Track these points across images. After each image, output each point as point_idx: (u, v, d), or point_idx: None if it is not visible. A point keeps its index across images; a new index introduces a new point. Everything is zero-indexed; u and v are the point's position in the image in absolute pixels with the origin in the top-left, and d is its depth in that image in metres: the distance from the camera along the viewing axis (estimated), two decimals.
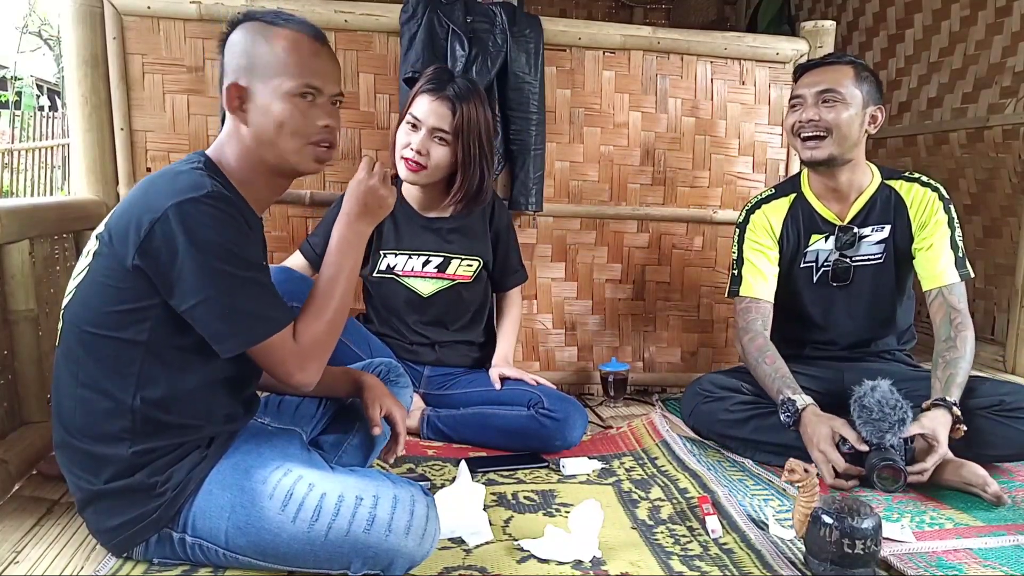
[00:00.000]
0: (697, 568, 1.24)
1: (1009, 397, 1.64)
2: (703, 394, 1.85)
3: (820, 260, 1.86)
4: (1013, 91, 2.80)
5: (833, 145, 1.73)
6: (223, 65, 1.18)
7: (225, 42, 1.18)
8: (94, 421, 1.11)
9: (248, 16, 1.18)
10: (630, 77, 2.30)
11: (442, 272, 1.93)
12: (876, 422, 1.51)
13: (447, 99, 1.79)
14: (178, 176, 1.10)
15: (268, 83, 1.14)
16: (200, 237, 1.04)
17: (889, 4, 3.53)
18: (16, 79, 8.98)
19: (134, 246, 1.05)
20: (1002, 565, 1.27)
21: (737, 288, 1.89)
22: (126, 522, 1.13)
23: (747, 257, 1.89)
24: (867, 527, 1.18)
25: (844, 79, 1.73)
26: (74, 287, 1.14)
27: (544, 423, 1.77)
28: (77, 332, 1.12)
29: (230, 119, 1.19)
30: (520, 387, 1.87)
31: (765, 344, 1.79)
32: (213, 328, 1.08)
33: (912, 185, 1.82)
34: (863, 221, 1.83)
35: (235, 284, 1.07)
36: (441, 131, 1.79)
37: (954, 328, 1.70)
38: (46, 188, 7.12)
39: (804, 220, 1.88)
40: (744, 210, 1.95)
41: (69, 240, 1.89)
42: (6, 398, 1.60)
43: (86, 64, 1.96)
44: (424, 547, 1.14)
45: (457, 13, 2.09)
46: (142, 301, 1.08)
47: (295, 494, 1.11)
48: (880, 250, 1.83)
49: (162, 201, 1.05)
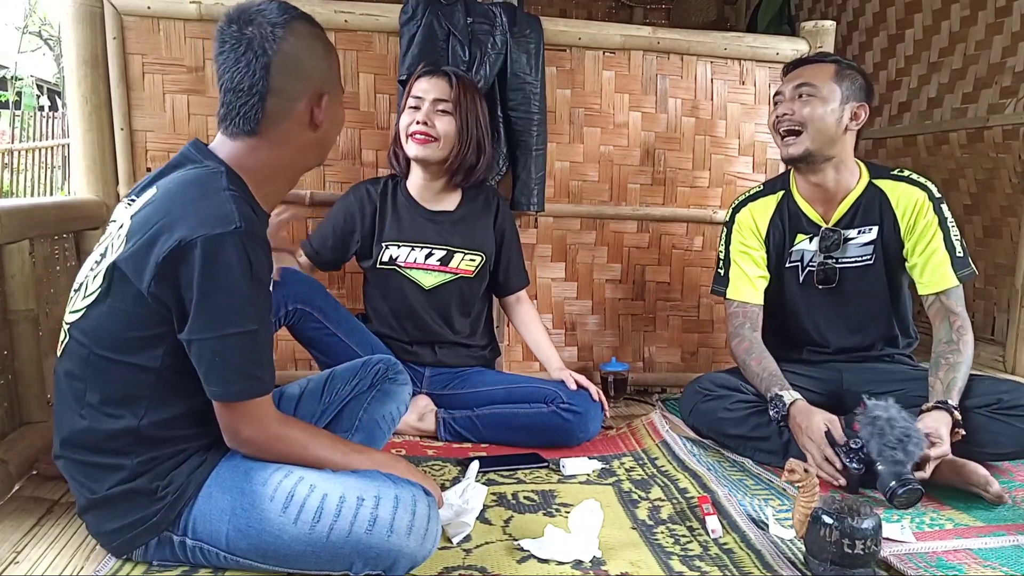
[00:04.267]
0: (697, 568, 1.24)
1: (1007, 395, 1.64)
2: (703, 393, 1.86)
3: (805, 260, 1.85)
4: (1013, 91, 2.80)
5: (808, 140, 1.73)
6: (284, 71, 1.10)
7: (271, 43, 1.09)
8: (99, 438, 1.10)
9: (296, 16, 1.13)
10: (630, 77, 2.30)
11: (445, 265, 1.93)
12: (893, 459, 1.44)
13: (444, 74, 1.87)
14: (205, 199, 1.05)
15: (338, 90, 1.21)
16: (217, 280, 1.02)
17: (889, 4, 3.53)
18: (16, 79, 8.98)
19: (152, 271, 1.03)
20: (1002, 565, 1.27)
21: (723, 289, 1.90)
22: (126, 525, 1.13)
23: (734, 259, 1.89)
24: (867, 527, 1.18)
25: (822, 75, 1.73)
26: (84, 306, 1.11)
27: (566, 417, 1.79)
28: (87, 354, 1.09)
29: (281, 127, 1.13)
30: (535, 384, 1.89)
31: (751, 347, 1.80)
32: (202, 370, 1.06)
33: (898, 184, 1.78)
34: (849, 223, 1.81)
35: (235, 336, 1.04)
36: (443, 101, 1.83)
37: (955, 331, 1.69)
38: (46, 188, 7.12)
39: (790, 219, 1.86)
40: (731, 208, 1.95)
41: (69, 240, 1.89)
42: (6, 398, 1.60)
43: (86, 64, 1.96)
44: (426, 547, 1.14)
45: (457, 14, 2.09)
46: (156, 328, 1.06)
47: (296, 496, 1.10)
48: (868, 252, 1.81)
49: (187, 228, 1.01)
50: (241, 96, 1.10)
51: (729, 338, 1.88)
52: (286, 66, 1.10)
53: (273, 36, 1.09)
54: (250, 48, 1.09)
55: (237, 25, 1.10)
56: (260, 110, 1.11)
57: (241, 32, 1.09)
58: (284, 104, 1.12)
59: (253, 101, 1.10)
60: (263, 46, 1.09)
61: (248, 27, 1.09)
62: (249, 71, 1.09)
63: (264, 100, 1.11)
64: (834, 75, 1.73)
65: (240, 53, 1.09)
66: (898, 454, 1.44)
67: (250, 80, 1.09)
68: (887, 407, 1.48)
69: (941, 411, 1.56)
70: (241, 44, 1.09)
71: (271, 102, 1.11)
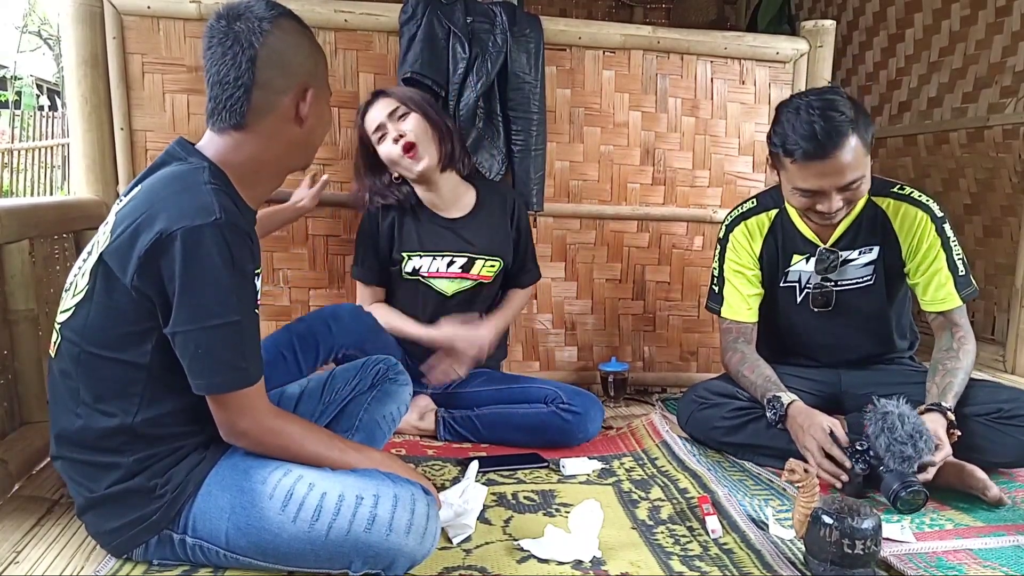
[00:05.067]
0: (697, 568, 1.24)
1: (1008, 404, 1.63)
2: (698, 401, 1.84)
3: (803, 282, 1.81)
4: (1013, 91, 2.79)
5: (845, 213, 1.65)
6: (270, 64, 1.11)
7: (257, 36, 1.10)
8: (94, 436, 1.11)
9: (283, 13, 1.14)
10: (630, 77, 2.29)
11: (466, 272, 1.94)
12: (903, 454, 1.44)
13: (376, 96, 1.89)
14: (185, 192, 1.07)
15: (325, 89, 1.21)
16: (198, 271, 1.02)
17: (889, 4, 3.53)
18: (16, 79, 8.99)
19: (135, 265, 1.04)
20: (1002, 565, 1.27)
21: (718, 307, 1.88)
22: (125, 524, 1.13)
23: (728, 278, 1.86)
24: (867, 527, 1.17)
25: (859, 154, 1.53)
26: (73, 304, 1.12)
27: (566, 418, 1.79)
28: (77, 352, 1.10)
29: (267, 121, 1.14)
30: (535, 384, 1.89)
31: (744, 358, 1.80)
32: (186, 362, 1.06)
33: (901, 205, 1.72)
34: (850, 243, 1.75)
35: (218, 327, 1.04)
36: (395, 110, 1.84)
37: (956, 340, 1.68)
38: (46, 188, 7.13)
39: (785, 239, 1.81)
40: (724, 225, 1.89)
41: (69, 240, 1.89)
42: (6, 398, 1.60)
43: (86, 64, 1.96)
44: (425, 546, 1.14)
45: (457, 14, 2.09)
46: (143, 323, 1.07)
47: (295, 494, 1.11)
48: (869, 272, 1.77)
49: (168, 220, 1.03)
50: (227, 88, 1.12)
51: (722, 352, 1.87)
52: (272, 59, 1.12)
53: (260, 30, 1.11)
54: (237, 42, 1.10)
55: (226, 20, 1.12)
56: (246, 102, 1.12)
57: (229, 27, 1.11)
58: (269, 97, 1.13)
59: (239, 94, 1.12)
60: (249, 39, 1.10)
61: (236, 22, 1.11)
62: (235, 64, 1.10)
63: (250, 92, 1.12)
64: (863, 145, 1.54)
65: (227, 47, 1.11)
66: (908, 449, 1.43)
67: (236, 72, 1.11)
68: (898, 404, 1.48)
69: (935, 413, 1.55)
70: (228, 38, 1.11)
71: (257, 95, 1.12)
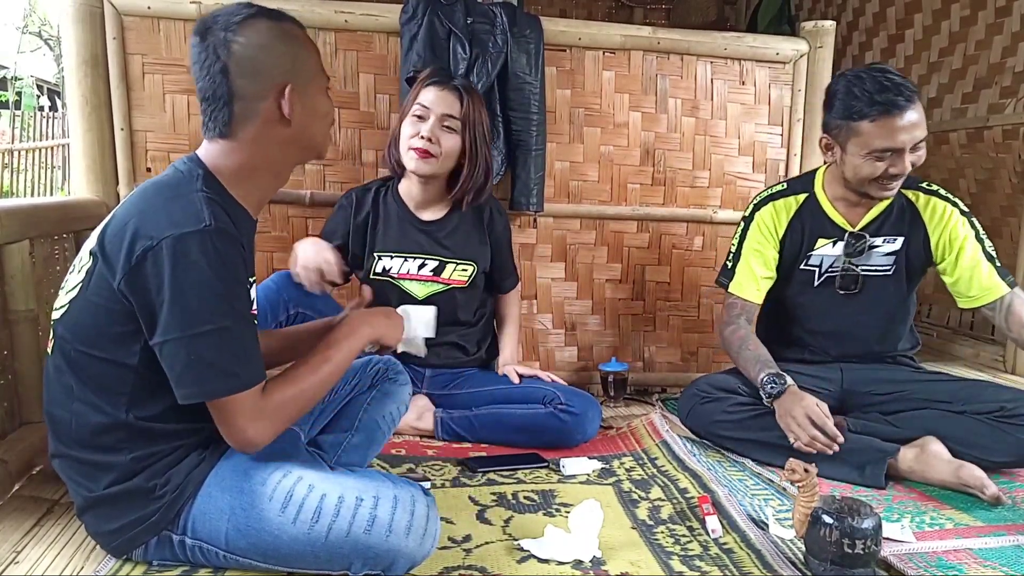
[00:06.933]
0: (697, 568, 1.24)
1: (1010, 404, 1.63)
2: (700, 395, 1.85)
3: (824, 266, 1.83)
4: (1013, 91, 2.80)
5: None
6: (241, 73, 1.10)
7: (224, 49, 1.10)
8: (90, 433, 1.11)
9: (250, 16, 1.13)
10: (630, 77, 2.29)
11: (437, 276, 1.92)
12: None
13: (455, 88, 1.83)
14: (177, 200, 1.07)
15: (313, 81, 1.18)
16: (186, 278, 1.02)
17: (889, 4, 3.53)
18: (16, 79, 9.00)
19: (123, 271, 1.04)
20: (1002, 565, 1.27)
21: (727, 282, 1.88)
22: (125, 525, 1.13)
23: (745, 255, 1.86)
24: (867, 527, 1.18)
25: (923, 118, 1.61)
26: (67, 302, 1.13)
27: (563, 419, 1.79)
28: (69, 349, 1.11)
29: (253, 127, 1.13)
30: (533, 384, 1.89)
31: (746, 335, 1.79)
32: (176, 371, 1.05)
33: (930, 199, 1.76)
34: (877, 230, 1.78)
35: (208, 333, 1.03)
36: (450, 117, 1.80)
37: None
38: (46, 188, 7.13)
39: (812, 223, 1.83)
40: (752, 204, 1.90)
41: (69, 240, 1.89)
42: (6, 398, 1.60)
43: (86, 64, 1.96)
44: (425, 547, 1.14)
45: (457, 14, 2.09)
46: (130, 325, 1.06)
47: (295, 495, 1.11)
48: (890, 262, 1.79)
49: (157, 228, 1.03)
50: (210, 103, 1.13)
51: (722, 325, 1.86)
52: (242, 68, 1.11)
53: (224, 41, 1.10)
54: (208, 56, 1.11)
55: (199, 36, 1.12)
56: (228, 114, 1.12)
57: (202, 42, 1.11)
58: (249, 105, 1.13)
59: (219, 107, 1.12)
60: (217, 53, 1.10)
61: (207, 36, 1.11)
62: (211, 79, 1.11)
63: (230, 105, 1.12)
64: (922, 107, 1.62)
65: (203, 62, 1.11)
66: None
67: (213, 87, 1.11)
68: None
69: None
70: (203, 53, 1.11)
71: (237, 106, 1.12)
